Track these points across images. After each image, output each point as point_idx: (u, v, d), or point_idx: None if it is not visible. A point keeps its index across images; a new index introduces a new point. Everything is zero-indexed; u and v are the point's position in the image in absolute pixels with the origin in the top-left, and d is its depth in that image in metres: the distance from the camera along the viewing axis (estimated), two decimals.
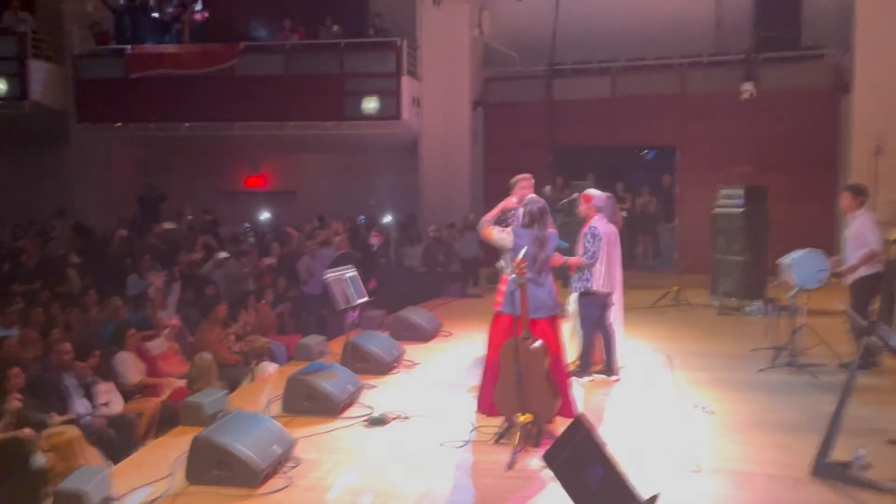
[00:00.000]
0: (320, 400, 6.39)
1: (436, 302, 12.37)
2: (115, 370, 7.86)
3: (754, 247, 11.12)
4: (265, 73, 16.13)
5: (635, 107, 15.83)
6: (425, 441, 5.80)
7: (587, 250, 7.21)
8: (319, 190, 18.72)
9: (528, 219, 6.23)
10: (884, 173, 13.54)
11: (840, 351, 8.04)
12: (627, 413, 6.50)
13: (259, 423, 5.45)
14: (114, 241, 12.81)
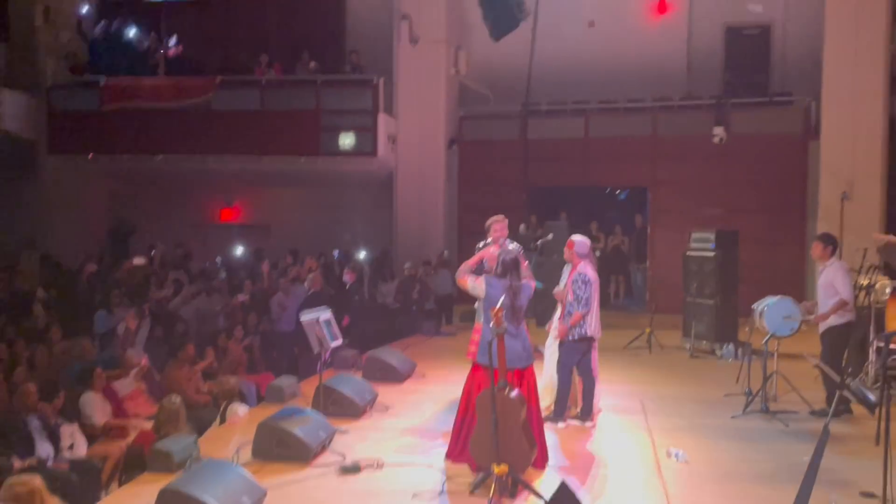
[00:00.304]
0: (292, 446, 6.26)
1: (409, 340, 12.28)
2: (80, 411, 7.66)
3: (725, 290, 11.21)
4: (241, 107, 16.10)
5: (608, 148, 16.01)
6: (398, 491, 5.69)
7: (579, 297, 7.17)
8: (294, 224, 18.59)
9: (501, 269, 6.23)
10: (850, 219, 13.77)
11: (810, 397, 8.09)
12: (603, 462, 6.44)
13: (229, 472, 5.32)
14: (83, 276, 12.58)
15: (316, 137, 15.92)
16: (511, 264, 6.19)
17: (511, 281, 6.12)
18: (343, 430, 7.10)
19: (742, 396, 8.29)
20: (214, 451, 6.45)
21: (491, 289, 6.11)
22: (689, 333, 11.39)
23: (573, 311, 7.22)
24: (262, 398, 9.43)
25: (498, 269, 6.28)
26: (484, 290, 6.11)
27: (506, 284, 6.09)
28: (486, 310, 6.03)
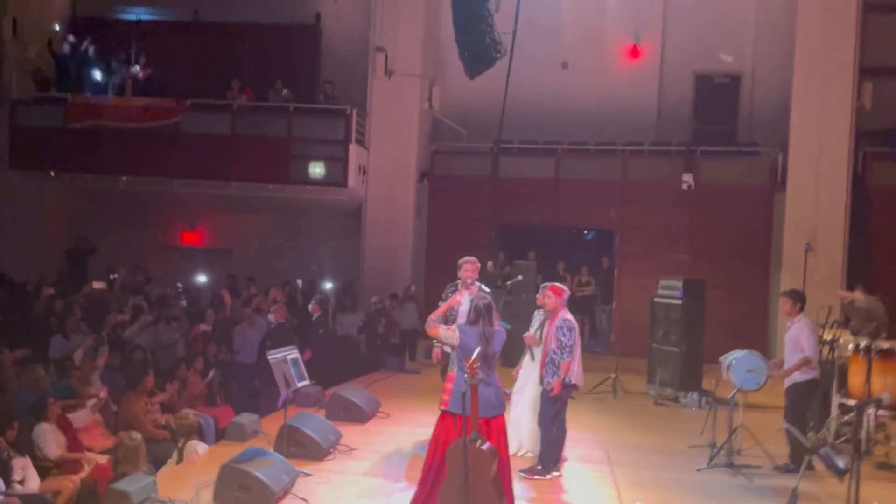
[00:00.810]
0: (255, 490, 6.15)
1: (374, 377, 12.19)
2: (33, 443, 7.43)
3: (691, 339, 11.33)
4: (211, 131, 15.98)
5: (578, 189, 16.19)
6: None
7: (564, 345, 7.14)
8: (257, 250, 18.40)
9: (473, 315, 6.18)
10: (812, 271, 14.00)
11: (773, 451, 8.17)
12: None
13: None
14: (40, 299, 12.29)
15: (286, 165, 15.86)
16: (484, 310, 6.15)
17: (484, 328, 6.09)
18: (306, 473, 7.00)
19: (706, 448, 8.35)
20: (173, 492, 6.31)
21: (465, 336, 6.05)
22: (653, 380, 11.47)
23: (558, 359, 7.14)
24: (221, 432, 9.29)
25: (470, 315, 6.24)
26: (458, 338, 6.06)
27: (479, 331, 6.06)
28: (461, 359, 5.99)
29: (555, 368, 7.17)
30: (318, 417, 8.34)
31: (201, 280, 18.21)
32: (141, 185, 16.13)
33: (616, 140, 16.54)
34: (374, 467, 7.48)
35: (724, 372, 8.75)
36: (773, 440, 8.60)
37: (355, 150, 15.92)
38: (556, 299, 7.40)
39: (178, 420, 8.61)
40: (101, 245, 17.14)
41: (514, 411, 8.11)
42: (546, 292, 7.48)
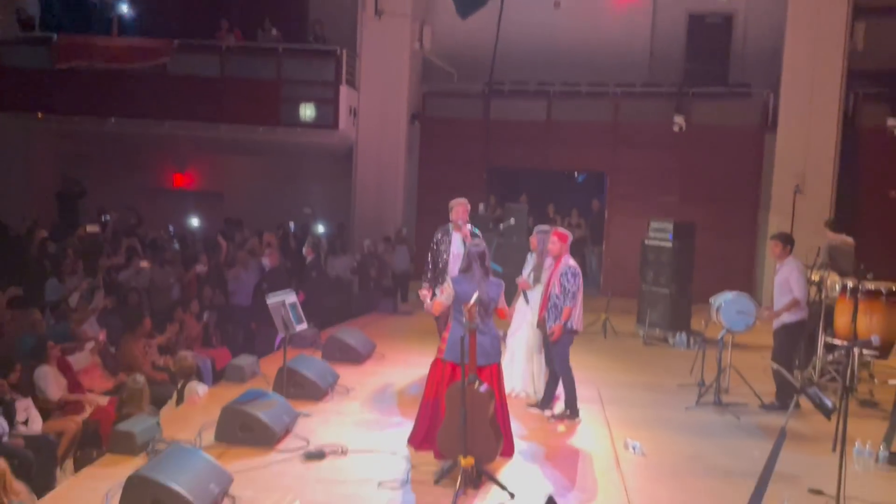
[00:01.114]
0: (257, 431, 6.26)
1: (367, 318, 12.32)
2: (35, 386, 7.53)
3: (681, 280, 11.47)
4: (199, 72, 15.74)
5: (569, 131, 16.12)
6: (363, 479, 5.74)
7: (567, 290, 7.15)
8: (247, 192, 18.39)
9: (466, 263, 6.26)
10: (801, 213, 14.13)
11: (760, 389, 8.37)
12: (564, 454, 6.60)
13: (195, 459, 5.30)
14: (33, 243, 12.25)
15: (276, 107, 15.68)
16: (477, 257, 6.20)
17: (478, 274, 6.14)
18: (306, 413, 7.13)
19: (695, 387, 8.55)
20: (175, 433, 6.42)
21: (459, 286, 6.13)
22: (643, 321, 11.65)
23: (560, 304, 7.16)
24: (218, 374, 9.42)
25: (463, 262, 6.32)
26: (452, 290, 6.14)
27: (473, 279, 6.12)
28: (457, 309, 6.06)
29: (557, 313, 7.20)
30: (316, 359, 8.45)
31: (193, 223, 18.19)
32: (129, 126, 15.94)
33: (608, 81, 16.42)
34: (372, 408, 7.61)
35: (713, 313, 8.90)
36: (759, 379, 8.81)
37: (346, 92, 15.74)
38: (560, 245, 7.39)
39: (177, 362, 8.69)
40: (91, 188, 17.05)
41: (507, 354, 8.24)
42: (550, 237, 7.48)
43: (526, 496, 5.54)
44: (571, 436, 7.07)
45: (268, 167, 18.57)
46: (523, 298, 8.09)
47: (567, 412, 7.39)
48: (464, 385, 5.40)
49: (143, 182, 18.86)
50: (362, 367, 9.19)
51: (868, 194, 15.13)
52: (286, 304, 7.24)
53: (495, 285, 6.22)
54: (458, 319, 6.04)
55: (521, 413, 7.52)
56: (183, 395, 8.07)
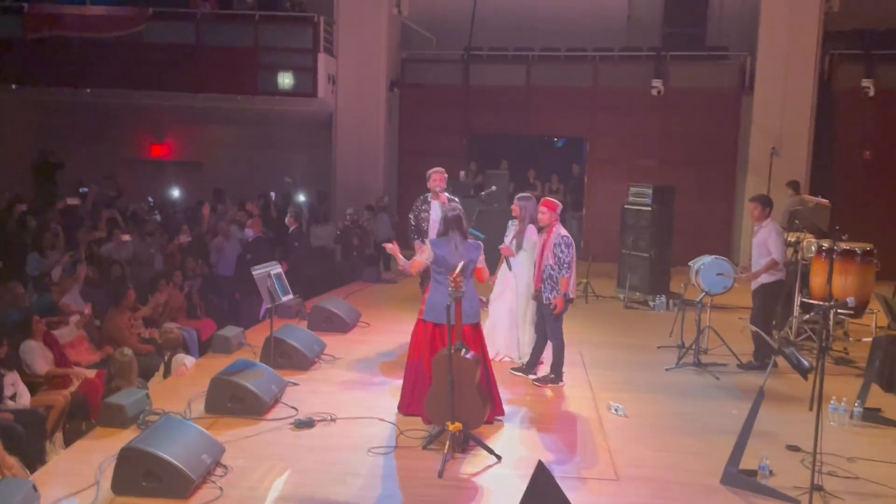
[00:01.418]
0: (246, 401, 6.33)
1: (352, 287, 12.36)
2: (22, 360, 7.52)
3: (660, 244, 11.58)
4: (174, 41, 15.54)
5: (549, 96, 16.12)
6: (353, 446, 5.84)
7: (562, 261, 7.19)
8: (227, 162, 18.28)
9: (443, 227, 6.33)
10: (777, 175, 14.29)
11: (738, 350, 8.54)
12: (550, 416, 6.73)
13: (187, 430, 5.36)
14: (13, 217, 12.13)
15: (253, 76, 15.56)
16: (453, 222, 6.27)
17: (454, 239, 6.21)
18: (294, 382, 7.20)
19: (674, 348, 8.71)
20: (164, 404, 6.46)
21: (437, 249, 6.22)
22: (623, 284, 11.78)
23: (556, 275, 7.20)
24: (204, 345, 9.45)
25: (441, 226, 6.38)
26: (431, 253, 6.22)
27: (450, 242, 6.20)
28: (436, 271, 6.20)
29: (553, 284, 7.25)
30: (302, 329, 8.51)
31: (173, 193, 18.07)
32: (105, 97, 15.73)
33: (586, 46, 16.40)
34: (359, 376, 7.68)
35: (692, 276, 9.03)
36: (737, 339, 9.00)
37: (324, 59, 15.62)
38: (550, 214, 7.41)
39: (163, 334, 8.71)
40: (68, 159, 16.86)
41: (490, 319, 8.34)
42: (539, 207, 7.51)
43: (512, 459, 5.67)
44: (556, 399, 7.20)
45: (247, 136, 18.43)
46: (506, 265, 8.15)
47: (551, 376, 7.50)
48: (450, 352, 5.48)
49: (121, 153, 18.67)
50: (348, 336, 9.26)
51: (843, 156, 15.29)
52: (272, 275, 7.27)
53: (474, 247, 6.31)
54: (437, 280, 6.20)
55: (507, 378, 7.63)
56: (170, 367, 8.11)
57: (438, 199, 8.32)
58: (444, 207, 7.77)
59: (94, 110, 16.55)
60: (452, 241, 6.20)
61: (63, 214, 12.66)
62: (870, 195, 14.83)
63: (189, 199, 17.40)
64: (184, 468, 4.90)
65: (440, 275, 6.22)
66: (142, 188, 17.58)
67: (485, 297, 10.24)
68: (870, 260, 9.04)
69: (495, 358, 8.17)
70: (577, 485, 5.27)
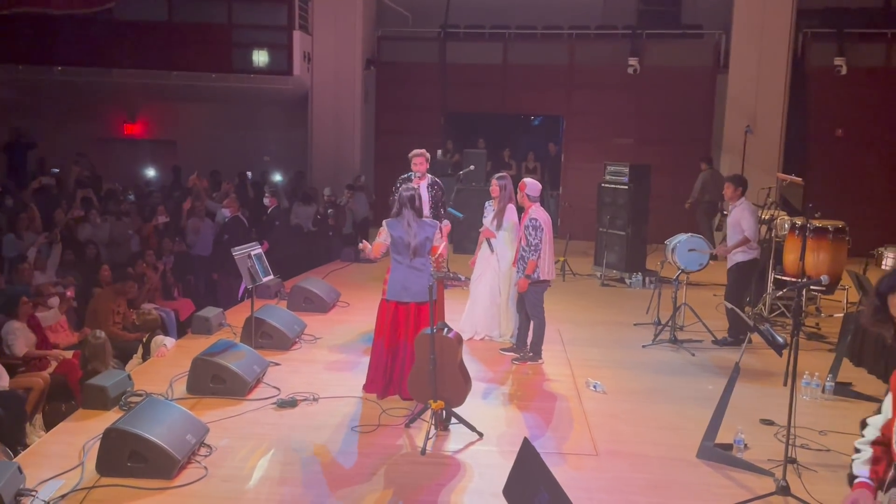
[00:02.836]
0: (228, 381, 6.35)
1: (330, 266, 12.38)
2: (3, 341, 7.49)
3: (637, 222, 11.70)
4: (147, 18, 15.34)
5: (525, 75, 16.13)
6: (336, 424, 5.90)
7: (529, 243, 7.25)
8: (202, 141, 18.08)
9: (396, 206, 6.38)
10: (751, 153, 14.45)
11: (714, 326, 8.71)
12: (531, 393, 6.83)
13: (171, 410, 5.38)
14: None
15: (228, 53, 15.45)
16: (406, 200, 6.29)
17: (409, 217, 6.26)
18: (275, 362, 7.23)
19: (651, 325, 8.86)
20: (146, 386, 6.47)
21: (392, 230, 6.29)
22: (600, 262, 11.90)
23: (527, 256, 7.26)
24: (182, 326, 9.45)
25: (394, 206, 6.42)
26: (387, 234, 6.30)
27: (404, 221, 6.26)
28: (394, 252, 6.30)
29: (523, 265, 7.34)
30: (282, 309, 8.53)
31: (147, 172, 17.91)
32: (77, 75, 15.52)
33: (562, 24, 16.40)
34: (340, 356, 7.74)
35: (668, 254, 9.16)
36: (713, 316, 9.18)
37: (299, 37, 15.51)
38: (521, 195, 7.48)
39: (140, 316, 8.70)
40: (39, 139, 16.62)
41: (471, 298, 8.42)
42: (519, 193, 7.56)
43: (494, 436, 5.76)
44: (536, 377, 7.30)
45: (222, 115, 18.26)
46: (488, 246, 8.20)
47: (530, 354, 7.60)
48: (433, 331, 5.54)
49: (93, 132, 18.41)
50: (328, 316, 9.30)
51: (816, 134, 15.49)
52: (252, 256, 7.27)
53: (429, 225, 6.35)
54: (395, 260, 6.31)
55: (487, 356, 7.74)
56: (149, 348, 8.10)
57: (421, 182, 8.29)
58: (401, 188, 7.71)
59: (66, 89, 16.31)
60: (405, 220, 6.25)
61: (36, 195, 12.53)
62: (842, 173, 15.05)
63: (163, 177, 17.26)
64: (168, 448, 4.93)
65: (399, 254, 6.30)
66: (114, 168, 17.39)
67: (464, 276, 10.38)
68: (842, 237, 9.22)
69: (475, 337, 8.28)
70: (557, 460, 5.37)
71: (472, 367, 6.89)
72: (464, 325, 8.36)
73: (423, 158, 8.34)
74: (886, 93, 15.00)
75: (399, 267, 6.29)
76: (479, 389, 6.68)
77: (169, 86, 15.85)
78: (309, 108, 16.36)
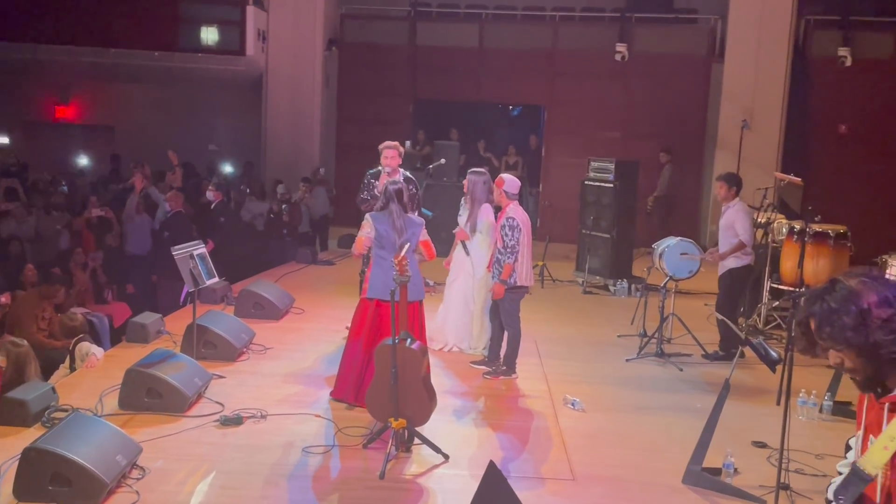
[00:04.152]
0: (166, 395, 6.28)
1: (284, 268, 12.31)
2: None
3: (623, 224, 11.77)
4: None
5: (503, 60, 16.18)
6: (286, 444, 5.85)
7: (506, 244, 7.25)
8: (142, 127, 17.95)
9: (383, 200, 6.44)
10: (748, 149, 14.60)
11: (704, 339, 8.77)
12: (503, 411, 6.83)
13: (99, 428, 5.30)
14: None
15: (173, 30, 15.36)
16: (393, 195, 6.39)
17: (395, 213, 6.33)
18: (220, 375, 7.17)
19: (636, 337, 8.90)
20: (72, 400, 6.37)
21: (377, 224, 6.37)
22: (583, 268, 11.95)
23: (503, 259, 7.26)
24: (116, 333, 9.33)
25: (381, 200, 6.49)
26: (371, 228, 6.36)
27: (390, 218, 6.33)
28: (378, 248, 6.37)
29: (499, 269, 7.34)
30: (228, 315, 8.47)
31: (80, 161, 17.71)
32: (3, 51, 15.26)
33: (545, 5, 16.47)
34: (292, 367, 7.67)
35: (656, 259, 9.22)
36: (703, 328, 9.24)
37: (253, 13, 15.43)
38: (498, 192, 7.49)
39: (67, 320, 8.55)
40: None
41: (443, 306, 8.41)
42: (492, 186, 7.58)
43: (461, 458, 5.74)
44: (509, 393, 7.30)
45: (166, 98, 18.13)
46: (462, 249, 8.20)
47: (504, 368, 7.61)
48: (394, 342, 5.52)
49: (21, 115, 18.17)
50: (280, 324, 9.24)
51: (818, 130, 15.69)
52: (194, 256, 7.20)
53: (416, 223, 6.46)
54: (379, 256, 6.36)
55: (457, 370, 7.74)
56: (76, 358, 7.97)
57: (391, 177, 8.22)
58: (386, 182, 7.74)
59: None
60: (392, 216, 6.33)
61: None
62: (845, 173, 15.25)
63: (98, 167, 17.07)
64: (95, 470, 4.85)
65: (382, 250, 6.39)
66: (44, 155, 17.16)
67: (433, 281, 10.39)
68: (843, 243, 9.34)
69: (444, 349, 8.28)
70: (531, 485, 5.37)
71: (439, 381, 6.91)
72: (433, 334, 8.34)
73: (395, 152, 8.21)
74: (894, 86, 15.21)
75: (383, 263, 6.36)
76: (446, 406, 6.67)
77: (106, 65, 15.70)
78: (263, 92, 16.27)
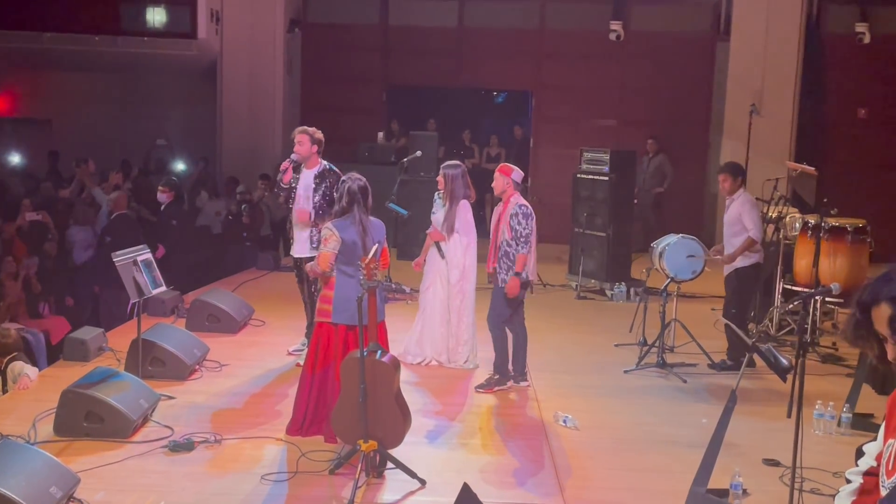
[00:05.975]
0: (107, 419, 6.25)
1: (243, 276, 12.29)
2: None
3: (620, 221, 11.81)
4: None
5: (486, 41, 16.21)
6: (242, 472, 5.83)
7: (519, 234, 7.27)
8: (83, 120, 17.91)
9: (346, 200, 6.15)
10: (757, 136, 14.66)
11: (710, 347, 8.79)
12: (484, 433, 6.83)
13: (30, 457, 5.25)
14: None
15: (115, 11, 15.29)
16: (358, 193, 6.14)
17: (360, 215, 6.12)
18: (169, 395, 7.14)
19: (635, 346, 8.93)
20: (2, 427, 6.35)
21: (343, 233, 6.08)
22: (576, 270, 11.97)
23: (514, 252, 7.29)
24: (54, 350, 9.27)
25: (343, 200, 6.18)
26: (336, 238, 6.06)
27: (355, 221, 6.10)
28: (343, 263, 6.11)
29: (510, 263, 7.34)
30: (178, 329, 8.46)
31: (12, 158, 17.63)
32: None
33: None
34: (250, 386, 7.66)
35: (655, 260, 9.24)
36: (709, 334, 9.28)
37: None
38: (504, 180, 7.53)
39: None
40: None
41: (419, 315, 8.40)
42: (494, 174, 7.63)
43: (439, 483, 5.73)
44: (493, 410, 7.30)
45: (109, 88, 18.08)
46: (437, 251, 8.19)
47: (495, 377, 7.66)
48: (362, 355, 5.49)
49: None
50: (237, 338, 9.23)
51: (834, 114, 15.79)
52: (138, 263, 7.17)
53: (379, 228, 6.31)
54: (344, 273, 6.09)
55: (435, 385, 7.74)
56: (8, 379, 7.91)
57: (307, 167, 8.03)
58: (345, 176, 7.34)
59: None
60: (357, 220, 6.11)
61: None
62: (864, 162, 15.35)
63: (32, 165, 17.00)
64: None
65: (348, 265, 6.09)
66: None
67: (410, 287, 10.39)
68: (863, 238, 9.40)
69: (422, 362, 8.27)
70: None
71: (413, 398, 6.89)
72: (408, 345, 8.34)
73: (306, 137, 7.97)
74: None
75: (350, 281, 5.98)
76: (422, 426, 6.67)
77: (41, 51, 15.65)
78: (218, 79, 16.24)
